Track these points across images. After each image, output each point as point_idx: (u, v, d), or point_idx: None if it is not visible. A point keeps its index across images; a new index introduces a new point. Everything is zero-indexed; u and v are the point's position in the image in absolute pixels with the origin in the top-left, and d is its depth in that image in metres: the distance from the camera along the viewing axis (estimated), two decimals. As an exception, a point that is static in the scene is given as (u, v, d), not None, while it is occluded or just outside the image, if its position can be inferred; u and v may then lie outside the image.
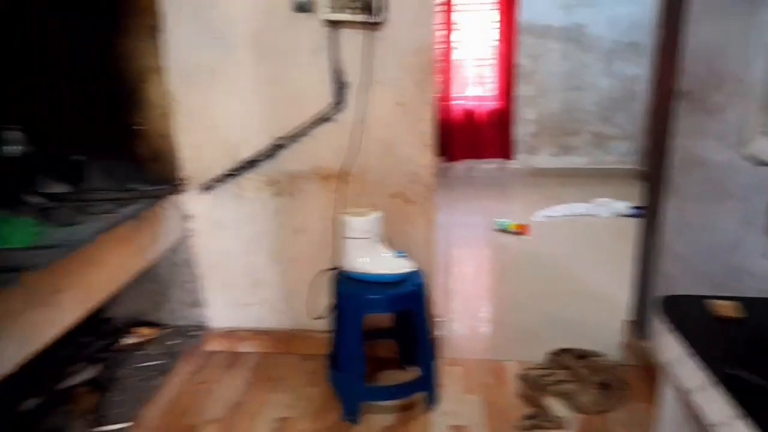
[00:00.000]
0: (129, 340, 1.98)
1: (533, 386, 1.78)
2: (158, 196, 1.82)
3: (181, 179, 1.92)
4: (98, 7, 1.80)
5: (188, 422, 1.66)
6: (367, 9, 1.65)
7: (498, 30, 4.63)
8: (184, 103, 1.87)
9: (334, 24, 1.71)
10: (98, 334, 2.00)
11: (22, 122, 1.80)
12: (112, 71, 1.85)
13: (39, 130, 1.83)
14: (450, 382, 1.82)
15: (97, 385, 1.72)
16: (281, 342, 2.06)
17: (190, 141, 1.90)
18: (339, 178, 1.86)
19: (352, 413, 1.64)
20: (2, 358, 1.14)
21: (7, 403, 1.60)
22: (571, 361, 1.88)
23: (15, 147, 1.75)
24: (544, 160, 4.95)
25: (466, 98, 4.87)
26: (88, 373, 1.77)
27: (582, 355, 1.93)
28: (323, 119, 1.82)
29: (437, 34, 1.77)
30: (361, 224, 1.60)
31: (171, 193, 1.88)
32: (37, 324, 1.23)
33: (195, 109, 1.87)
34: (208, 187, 1.93)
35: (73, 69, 1.86)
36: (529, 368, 1.87)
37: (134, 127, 1.89)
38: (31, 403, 1.64)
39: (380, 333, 1.89)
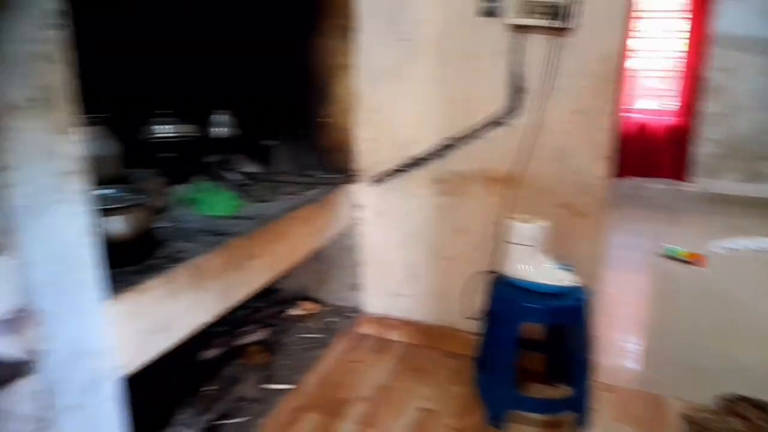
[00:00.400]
0: (294, 312, 2.17)
1: (699, 430, 1.62)
2: (334, 184, 1.97)
3: (355, 170, 2.05)
4: (299, 9, 1.99)
5: (340, 396, 1.78)
6: (556, 14, 1.62)
7: (686, 39, 4.24)
8: (366, 99, 1.99)
9: (519, 29, 1.71)
10: (269, 301, 2.22)
11: (229, 108, 2.06)
12: (307, 67, 2.03)
13: (239, 115, 2.09)
14: (602, 408, 1.73)
15: (266, 346, 1.92)
16: (428, 336, 2.11)
17: (367, 135, 2.03)
18: (506, 182, 1.85)
19: (496, 418, 1.63)
20: (205, 309, 1.32)
21: (192, 351, 1.86)
22: (748, 411, 1.67)
23: (223, 129, 2.02)
24: (728, 185, 4.43)
25: (639, 111, 4.54)
26: (259, 334, 1.98)
27: (761, 406, 1.70)
28: (496, 123, 1.83)
29: (624, 41, 1.68)
30: (527, 231, 1.58)
31: (345, 182, 2.03)
32: (233, 284, 1.41)
33: (375, 106, 1.99)
34: (378, 179, 2.04)
35: (273, 64, 2.09)
36: (695, 409, 1.71)
37: (319, 119, 2.06)
38: (211, 353, 1.88)
39: (528, 343, 1.85)
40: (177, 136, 1.75)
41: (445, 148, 1.92)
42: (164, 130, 1.72)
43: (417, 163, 1.98)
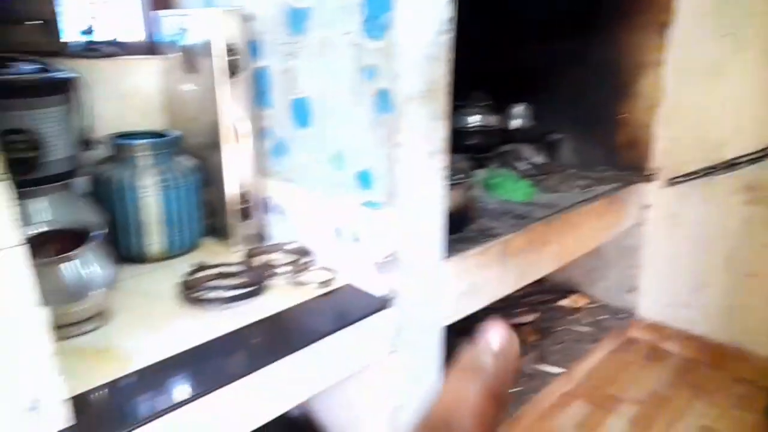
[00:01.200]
0: (563, 302, 2.22)
1: None
2: (624, 181, 1.94)
3: (650, 169, 1.99)
4: (611, 7, 1.98)
5: (610, 392, 1.79)
6: None
7: None
8: (673, 96, 1.90)
9: None
10: (539, 287, 2.31)
11: (526, 100, 2.18)
12: (607, 64, 2.02)
13: (534, 108, 2.19)
14: None
15: (537, 329, 2.02)
16: (710, 354, 1.95)
17: (668, 134, 1.94)
18: None
19: (800, 460, 1.46)
20: (505, 283, 1.48)
21: (472, 318, 2.06)
22: None
23: (519, 120, 2.15)
24: None
25: None
26: (530, 317, 2.09)
27: None
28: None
29: None
30: None
31: (636, 180, 1.98)
32: (529, 264, 1.54)
33: (682, 104, 1.88)
34: (675, 181, 1.94)
35: (575, 59, 2.13)
36: None
37: (617, 115, 2.04)
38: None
39: None
40: (483, 126, 1.94)
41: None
42: (474, 120, 1.93)
43: (726, 166, 1.82)
